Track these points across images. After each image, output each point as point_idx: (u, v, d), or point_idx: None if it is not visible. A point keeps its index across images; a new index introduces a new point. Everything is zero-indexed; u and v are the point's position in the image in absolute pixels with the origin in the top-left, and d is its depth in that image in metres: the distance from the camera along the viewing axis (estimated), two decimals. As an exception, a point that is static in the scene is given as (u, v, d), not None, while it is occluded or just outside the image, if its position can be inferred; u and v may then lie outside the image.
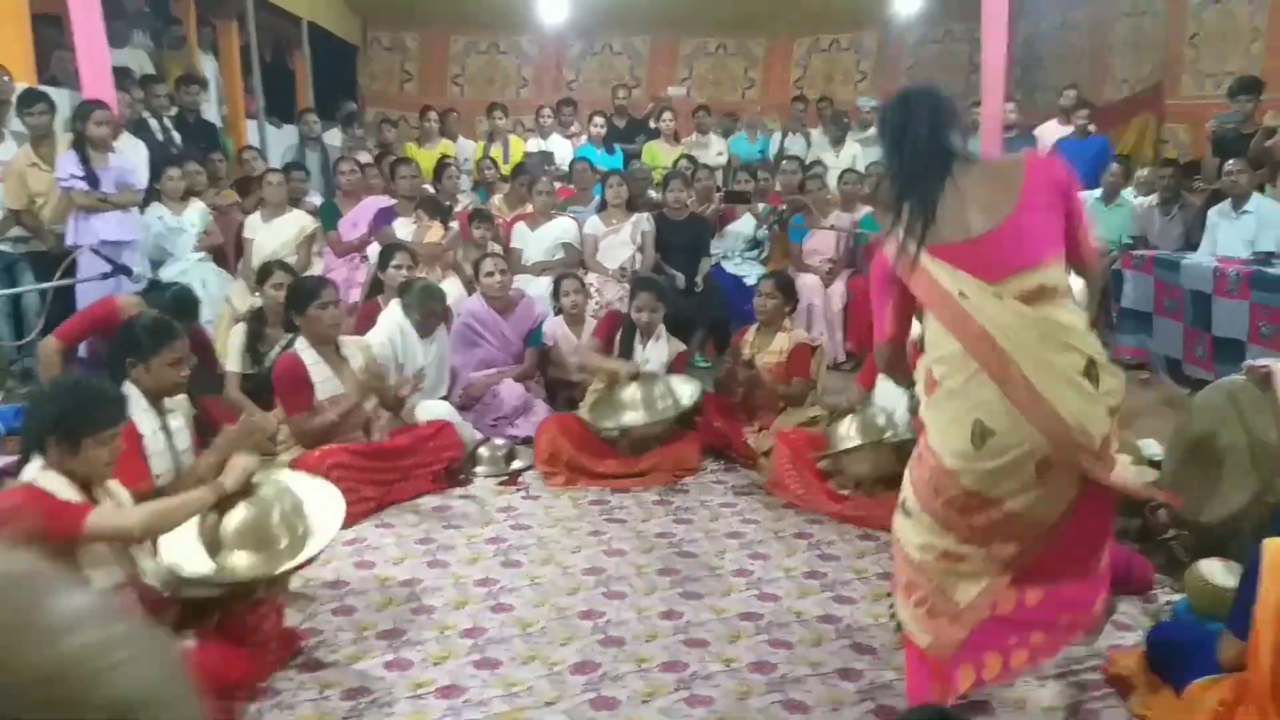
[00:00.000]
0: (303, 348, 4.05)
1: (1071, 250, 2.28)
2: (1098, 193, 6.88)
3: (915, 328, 2.42)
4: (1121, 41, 9.89)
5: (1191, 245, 6.05)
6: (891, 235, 2.30)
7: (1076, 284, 2.42)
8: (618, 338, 4.78)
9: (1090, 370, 2.19)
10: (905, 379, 2.62)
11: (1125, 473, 2.36)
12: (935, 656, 2.34)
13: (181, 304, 4.18)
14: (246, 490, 2.70)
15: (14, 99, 5.59)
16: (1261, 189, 6.03)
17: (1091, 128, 8.06)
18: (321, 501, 2.90)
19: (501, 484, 4.32)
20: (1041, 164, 2.40)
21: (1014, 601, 2.32)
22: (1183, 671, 2.54)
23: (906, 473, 2.38)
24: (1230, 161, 5.84)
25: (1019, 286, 2.16)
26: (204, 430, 3.37)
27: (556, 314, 5.34)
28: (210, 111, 7.84)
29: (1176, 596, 3.23)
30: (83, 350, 4.46)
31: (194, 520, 2.66)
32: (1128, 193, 6.93)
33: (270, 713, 2.58)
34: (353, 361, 4.15)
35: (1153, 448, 4.01)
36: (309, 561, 2.82)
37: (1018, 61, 11.33)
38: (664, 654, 2.89)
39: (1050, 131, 8.38)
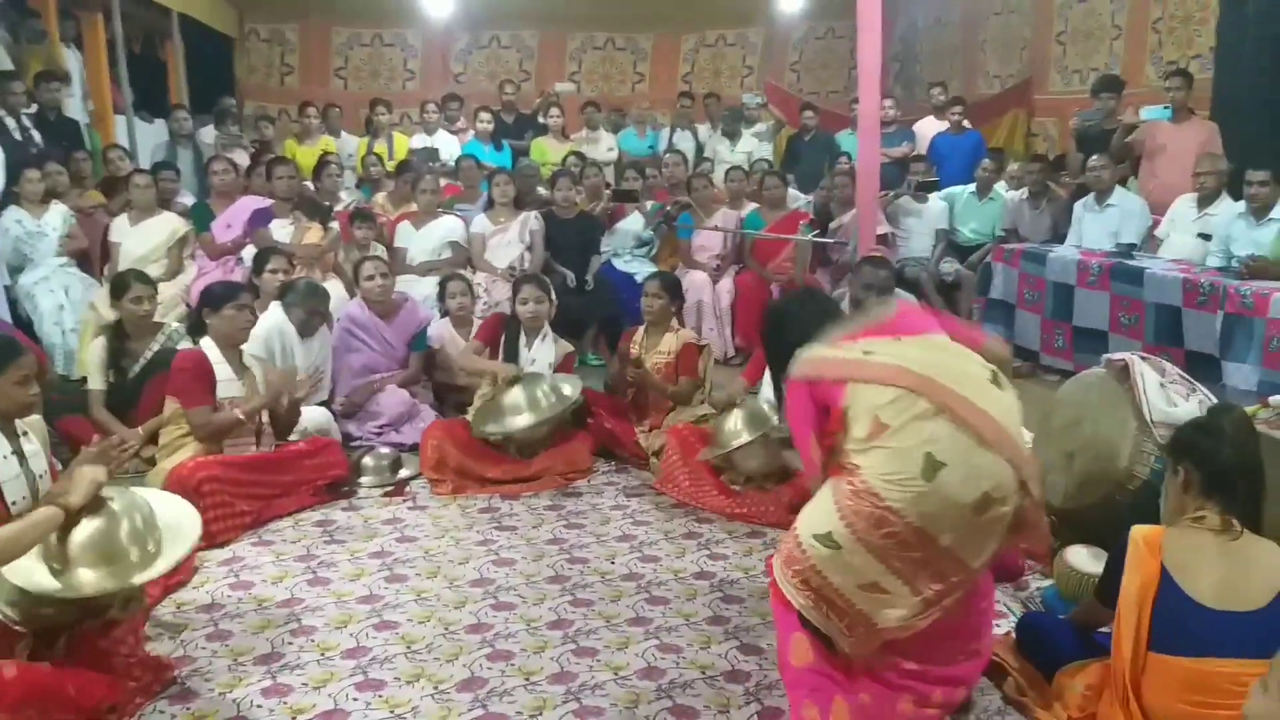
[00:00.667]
0: (208, 346, 3.98)
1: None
2: (972, 187, 7.13)
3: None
4: (992, 39, 10.25)
5: (1059, 237, 6.32)
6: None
7: None
8: (502, 340, 4.71)
9: (996, 378, 2.31)
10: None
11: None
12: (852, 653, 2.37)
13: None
14: (96, 505, 2.57)
15: None
16: (1124, 183, 6.34)
17: (966, 123, 8.33)
18: (176, 514, 2.77)
19: (387, 494, 4.22)
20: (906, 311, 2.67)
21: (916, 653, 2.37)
22: (1052, 656, 2.65)
23: (827, 504, 2.29)
24: (1094, 157, 6.11)
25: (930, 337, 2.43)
26: (66, 452, 3.19)
27: (443, 316, 5.25)
28: (74, 108, 7.45)
29: (1046, 583, 3.36)
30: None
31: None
32: (1000, 187, 7.19)
33: (139, 749, 2.47)
34: (254, 370, 4.03)
35: (1027, 438, 4.17)
36: (162, 576, 2.70)
37: (895, 58, 11.65)
38: (553, 665, 2.87)
39: (928, 127, 8.63)
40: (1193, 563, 2.22)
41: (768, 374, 4.37)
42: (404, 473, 4.36)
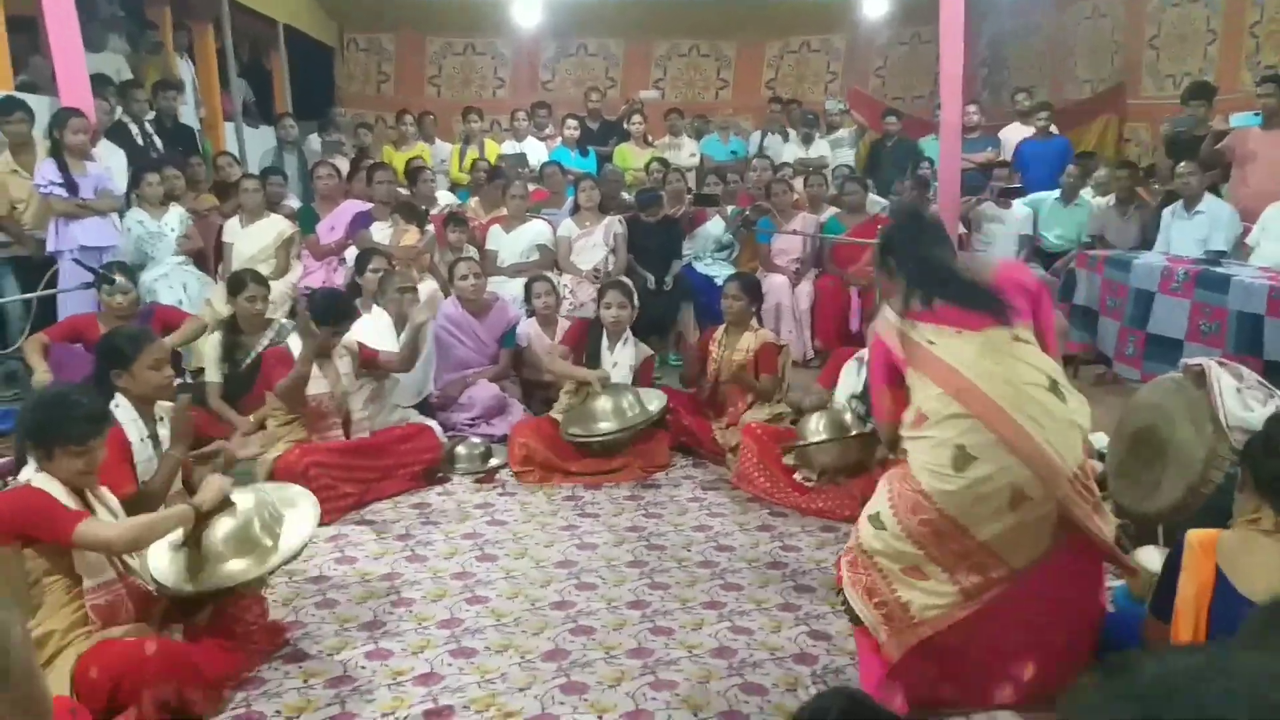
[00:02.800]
0: (293, 343, 4.26)
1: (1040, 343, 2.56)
2: (1058, 193, 7.10)
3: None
4: (1082, 43, 10.12)
5: (1147, 244, 6.26)
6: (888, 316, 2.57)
7: None
8: (586, 343, 4.93)
9: (1055, 388, 2.44)
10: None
11: (1106, 526, 2.49)
12: (887, 656, 2.49)
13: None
14: (224, 505, 2.83)
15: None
16: (1214, 190, 6.25)
17: (1053, 129, 8.28)
18: (296, 502, 3.04)
19: (478, 481, 4.47)
20: (1009, 268, 2.71)
21: (966, 640, 2.45)
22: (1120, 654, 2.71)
23: (883, 488, 2.51)
24: (1182, 164, 6.05)
25: (993, 334, 2.46)
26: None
27: (529, 316, 5.48)
28: (188, 115, 7.92)
29: (1118, 583, 3.41)
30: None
31: (178, 536, 2.80)
32: (1086, 193, 7.14)
33: (257, 701, 2.71)
34: (339, 363, 4.29)
35: (1102, 441, 4.20)
36: (289, 560, 2.96)
37: (983, 63, 11.57)
38: (631, 641, 3.04)
39: (1014, 133, 8.59)
40: (1247, 563, 2.26)
41: (843, 378, 4.52)
42: (494, 462, 4.60)
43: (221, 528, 2.80)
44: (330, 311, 4.22)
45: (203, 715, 2.62)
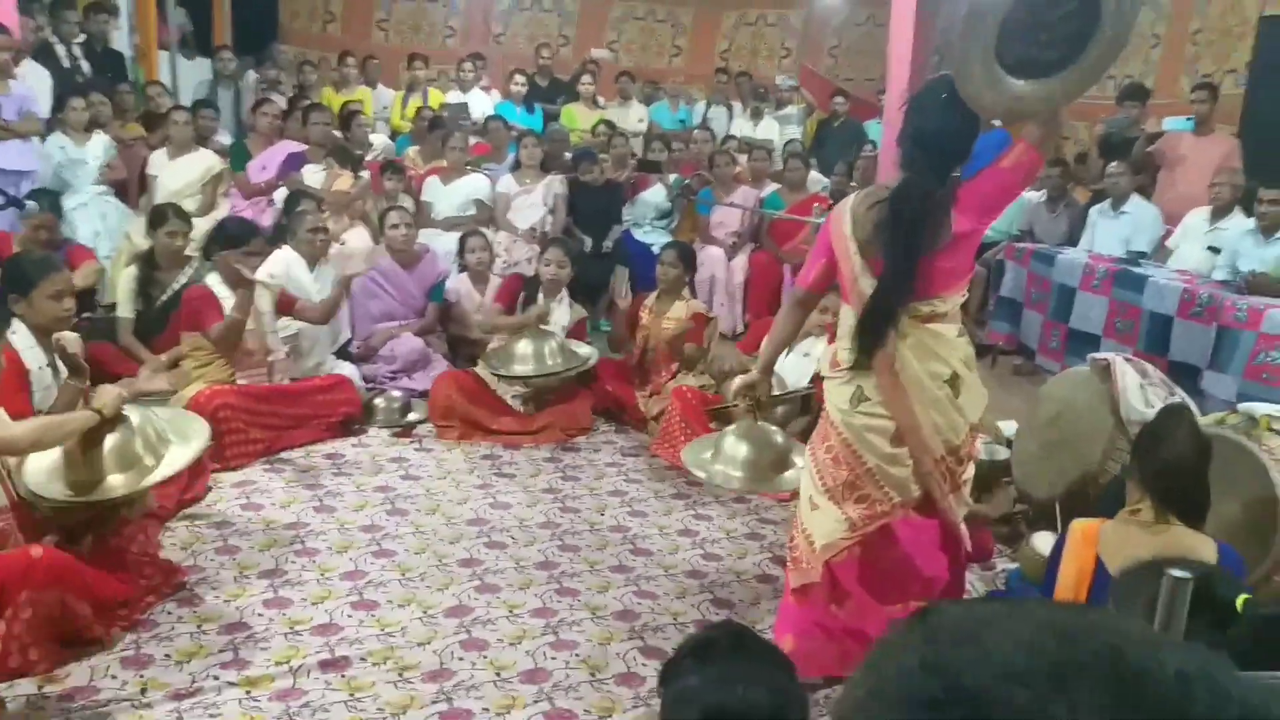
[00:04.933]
0: (215, 283, 4.14)
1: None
2: (994, 184, 7.19)
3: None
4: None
5: (1074, 241, 6.40)
6: (851, 213, 2.58)
7: None
8: (520, 301, 4.89)
9: (954, 381, 2.59)
10: (792, 326, 2.94)
11: (958, 507, 2.70)
12: (795, 584, 2.69)
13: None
14: (117, 419, 2.77)
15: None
16: (1143, 192, 6.40)
17: (995, 121, 8.37)
18: (186, 425, 2.98)
19: (395, 435, 4.42)
20: (970, 189, 2.51)
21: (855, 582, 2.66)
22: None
23: (809, 465, 2.70)
24: (1113, 164, 6.18)
25: (914, 309, 2.55)
26: (94, 375, 3.39)
27: (461, 271, 5.42)
28: (120, 40, 7.62)
29: (1013, 566, 3.52)
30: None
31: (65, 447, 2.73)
32: (1021, 186, 7.25)
33: (147, 644, 2.67)
34: (258, 300, 4.20)
35: (1011, 428, 4.31)
36: (174, 483, 2.90)
37: (936, 51, 11.65)
38: (536, 601, 3.06)
39: (959, 122, 8.68)
40: (1123, 552, 2.34)
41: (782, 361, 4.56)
42: (413, 416, 4.55)
43: (106, 441, 2.73)
44: (234, 237, 4.12)
45: (91, 636, 2.58)
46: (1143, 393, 3.51)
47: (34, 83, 5.82)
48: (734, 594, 3.20)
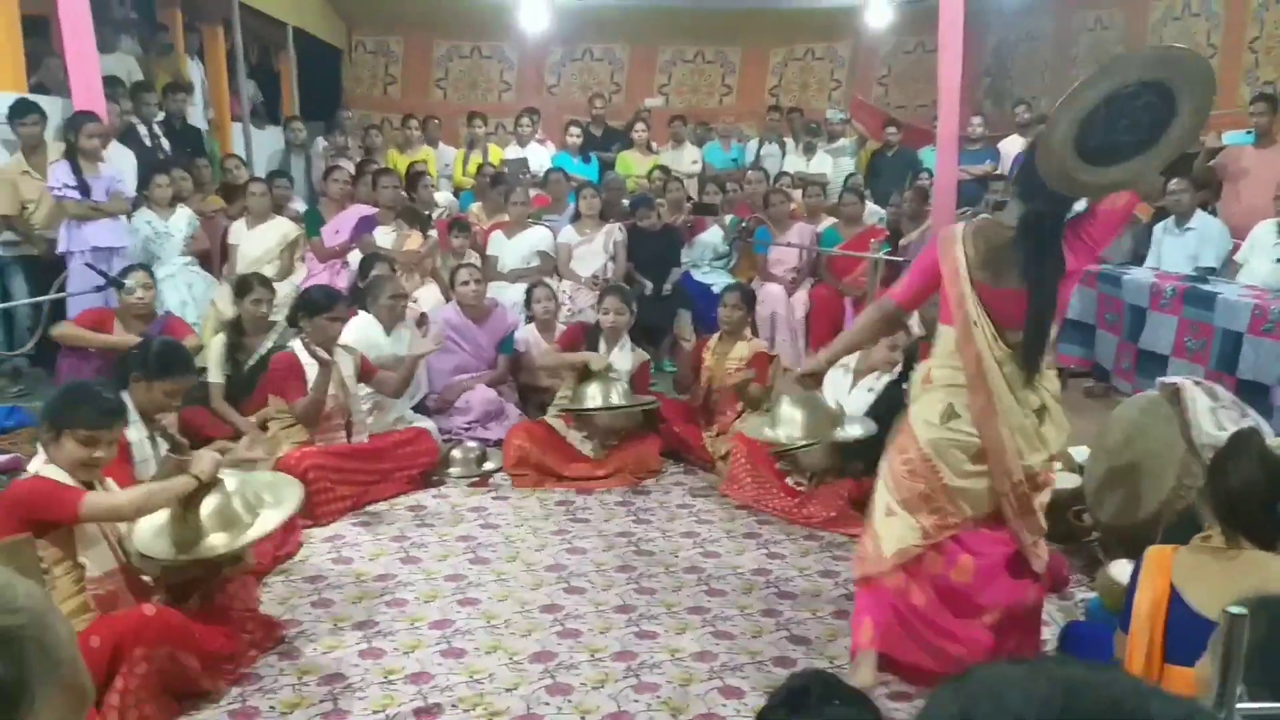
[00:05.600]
0: (299, 349, 4.34)
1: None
2: (1053, 206, 7.16)
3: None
4: (1084, 55, 10.19)
5: (1139, 259, 6.34)
6: (962, 238, 2.72)
7: None
8: (583, 347, 5.03)
9: (1041, 411, 2.76)
10: (870, 335, 3.20)
11: (1029, 532, 2.82)
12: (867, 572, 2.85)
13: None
14: (215, 483, 2.95)
15: (5, 109, 5.78)
16: (1206, 207, 6.33)
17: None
18: (280, 486, 3.15)
19: (472, 485, 4.58)
20: (1077, 229, 2.71)
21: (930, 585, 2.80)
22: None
23: (885, 474, 2.86)
24: (1174, 180, 6.13)
25: (1014, 337, 2.69)
26: (187, 439, 3.60)
27: (528, 321, 5.58)
28: (196, 116, 8.04)
29: (1092, 595, 3.50)
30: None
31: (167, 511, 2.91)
32: (1081, 206, 7.20)
33: (252, 696, 2.82)
34: (341, 365, 4.41)
35: (1082, 453, 4.29)
36: (272, 541, 3.06)
37: (987, 72, 11.65)
38: (616, 645, 3.15)
39: (1014, 145, 8.65)
40: (1198, 579, 2.35)
41: (830, 373, 4.60)
42: (488, 466, 4.70)
43: (206, 504, 2.90)
44: (318, 304, 4.32)
45: (200, 688, 2.73)
46: (1214, 416, 3.49)
47: (120, 163, 6.17)
48: (810, 631, 3.26)
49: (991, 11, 10.60)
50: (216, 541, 2.86)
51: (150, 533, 2.93)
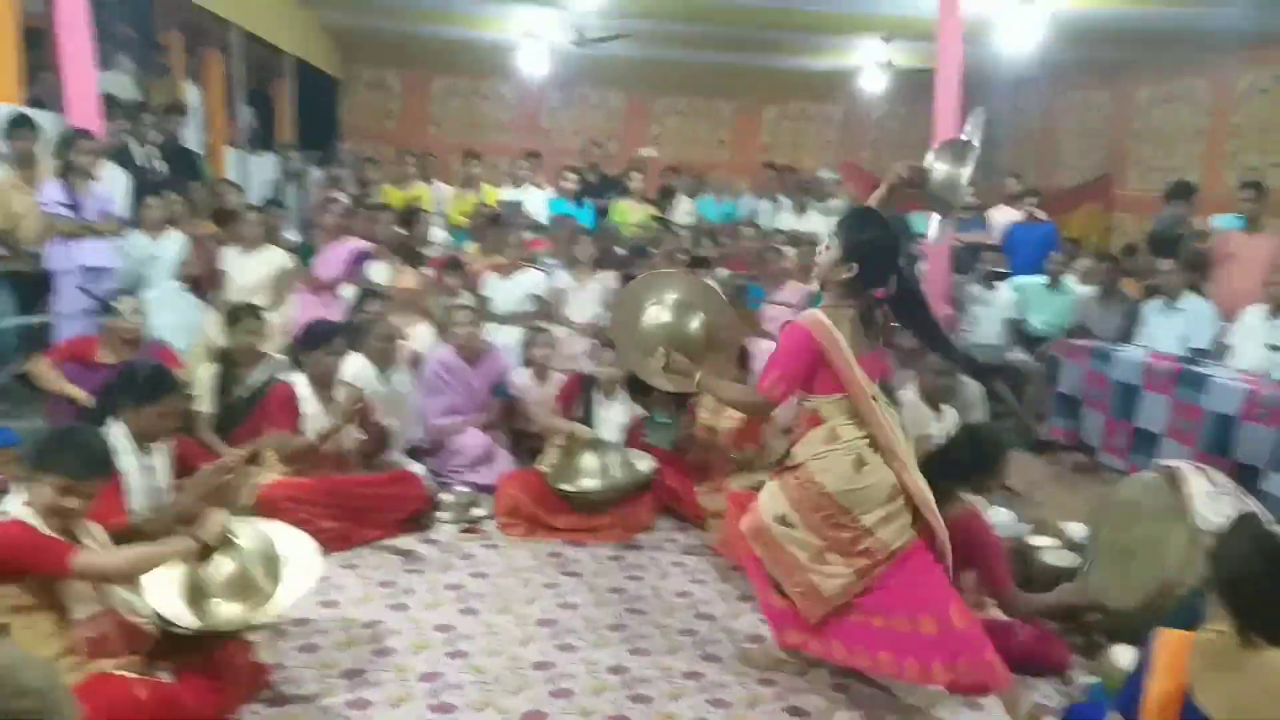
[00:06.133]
0: (300, 382, 4.30)
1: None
2: (1045, 278, 7.26)
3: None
4: (1072, 132, 10.42)
5: (1128, 335, 6.41)
6: (833, 322, 3.05)
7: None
8: (578, 398, 4.99)
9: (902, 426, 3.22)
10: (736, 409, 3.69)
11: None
12: (808, 618, 3.13)
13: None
14: (225, 541, 2.85)
15: (-1, 121, 5.69)
16: (1195, 288, 6.42)
17: (1040, 214, 8.48)
18: (297, 549, 3.06)
19: (463, 531, 4.48)
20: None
21: (864, 612, 3.07)
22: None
23: (779, 494, 3.16)
24: (1163, 261, 6.22)
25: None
26: (178, 468, 3.51)
27: (525, 366, 5.52)
28: (192, 139, 7.97)
29: (1093, 679, 3.47)
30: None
31: (177, 569, 2.81)
32: (1070, 279, 7.31)
33: (236, 747, 2.71)
34: (338, 398, 4.34)
35: (1079, 532, 4.28)
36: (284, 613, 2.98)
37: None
38: (610, 708, 3.07)
39: (1001, 215, 8.78)
40: (1209, 674, 2.29)
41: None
42: (479, 512, 4.62)
43: (222, 569, 2.81)
44: (319, 338, 4.35)
45: None
46: (1212, 502, 3.49)
47: (113, 183, 6.09)
48: (808, 702, 3.19)
49: (982, 83, 10.82)
50: (232, 613, 2.78)
51: (162, 590, 2.83)
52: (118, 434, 3.21)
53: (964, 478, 3.59)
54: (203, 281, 6.42)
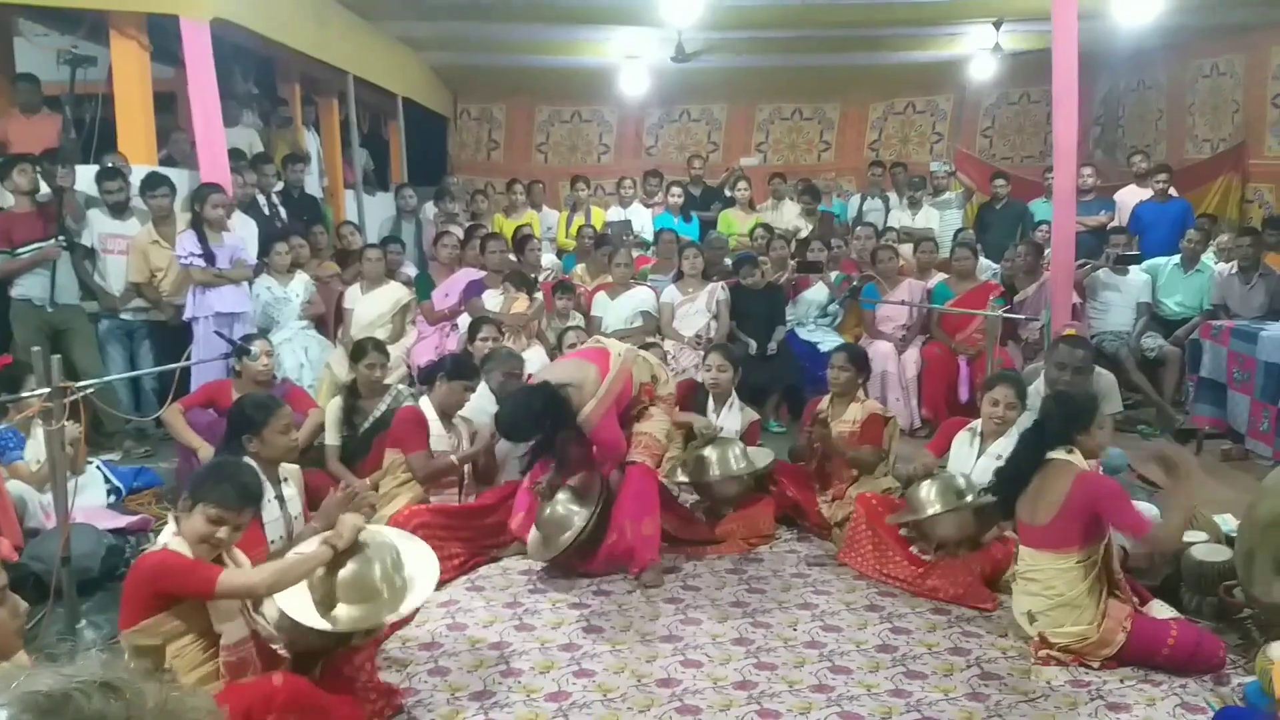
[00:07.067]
0: (426, 406, 4.49)
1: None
2: (1178, 258, 6.87)
3: None
4: (1201, 102, 9.84)
5: (1274, 313, 6.00)
6: None
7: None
8: (691, 406, 4.97)
9: None
10: None
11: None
12: None
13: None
14: (355, 548, 2.95)
15: (138, 181, 6.07)
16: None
17: (1171, 191, 8.04)
18: (419, 558, 3.13)
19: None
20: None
21: None
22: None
23: None
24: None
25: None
26: (309, 500, 3.66)
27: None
28: (312, 184, 8.34)
29: (1249, 679, 3.24)
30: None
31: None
32: (1208, 258, 6.90)
33: (373, 769, 2.79)
34: (461, 430, 4.51)
35: (1229, 524, 4.02)
36: (409, 618, 3.06)
37: (1096, 121, 11.34)
38: (738, 723, 3.03)
39: (1130, 195, 8.36)
40: None
41: (955, 446, 4.42)
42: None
43: (343, 572, 2.90)
44: (466, 369, 4.58)
45: None
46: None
47: (243, 232, 6.42)
48: (943, 713, 3.08)
49: (1101, 60, 10.35)
50: (355, 614, 2.87)
51: (293, 597, 2.95)
52: (264, 490, 3.37)
53: (1066, 438, 3.50)
54: (327, 320, 6.71)
